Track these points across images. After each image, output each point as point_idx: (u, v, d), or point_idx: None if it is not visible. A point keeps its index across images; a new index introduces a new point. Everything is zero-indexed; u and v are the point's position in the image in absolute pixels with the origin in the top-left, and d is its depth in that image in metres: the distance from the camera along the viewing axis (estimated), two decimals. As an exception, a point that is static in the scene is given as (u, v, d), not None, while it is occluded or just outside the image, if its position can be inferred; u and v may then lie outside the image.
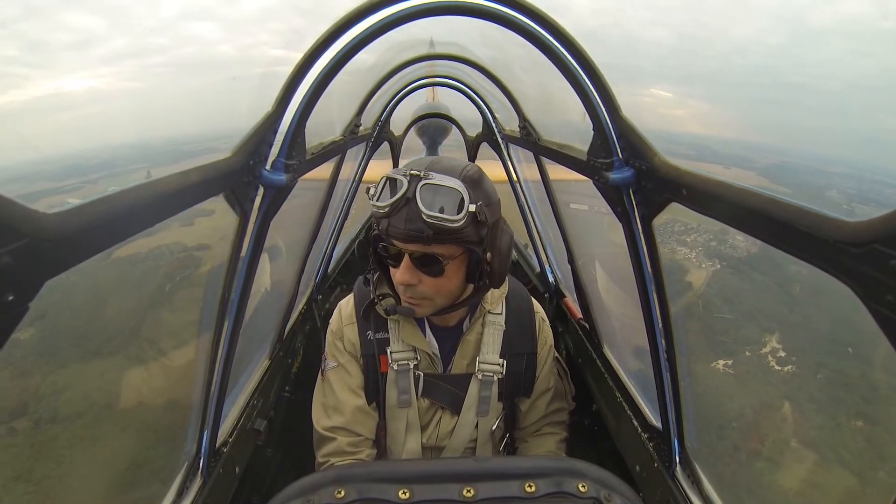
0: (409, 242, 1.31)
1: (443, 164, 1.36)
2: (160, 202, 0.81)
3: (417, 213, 1.25)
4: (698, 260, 1.64)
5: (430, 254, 1.33)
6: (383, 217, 1.30)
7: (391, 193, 1.29)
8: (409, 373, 1.61)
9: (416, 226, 1.26)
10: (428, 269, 1.37)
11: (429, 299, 1.44)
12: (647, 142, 1.14)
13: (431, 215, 1.25)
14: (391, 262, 1.43)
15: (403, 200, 1.27)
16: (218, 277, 1.26)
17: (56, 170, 1.14)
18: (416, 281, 1.37)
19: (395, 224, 1.28)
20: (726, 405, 1.99)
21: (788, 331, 1.89)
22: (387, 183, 1.32)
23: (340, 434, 1.62)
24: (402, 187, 1.27)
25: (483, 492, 1.02)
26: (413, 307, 1.47)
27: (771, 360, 1.80)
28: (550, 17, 1.10)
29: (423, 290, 1.40)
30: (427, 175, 1.28)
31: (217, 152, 1.05)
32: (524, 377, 1.71)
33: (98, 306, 1.48)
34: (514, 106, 2.28)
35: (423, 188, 1.27)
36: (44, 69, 1.05)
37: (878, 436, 1.72)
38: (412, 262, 1.36)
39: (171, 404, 1.59)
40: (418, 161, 1.38)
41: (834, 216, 0.65)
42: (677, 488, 1.38)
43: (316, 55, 1.15)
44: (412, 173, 1.28)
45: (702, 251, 1.70)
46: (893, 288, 0.56)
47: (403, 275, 1.36)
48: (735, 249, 1.88)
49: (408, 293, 1.42)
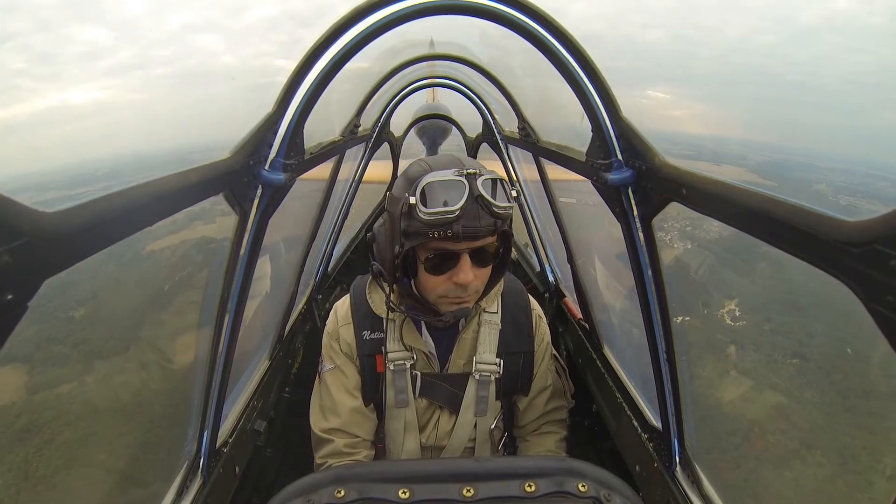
0: (480, 239, 1.32)
1: (467, 158, 1.38)
2: (160, 202, 0.81)
3: (488, 208, 1.27)
4: (672, 241, 1.71)
5: (491, 246, 1.37)
6: (453, 221, 1.25)
7: (456, 196, 1.26)
8: (405, 372, 1.61)
9: (488, 220, 1.28)
10: (484, 262, 1.40)
11: (476, 293, 1.46)
12: (648, 142, 1.14)
13: (500, 206, 1.28)
14: (437, 271, 1.38)
15: (472, 199, 1.26)
16: (217, 277, 1.26)
17: (64, 179, 1.14)
18: (474, 278, 1.39)
19: (468, 224, 1.26)
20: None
21: (747, 298, 1.98)
22: (438, 188, 1.27)
23: (337, 436, 1.62)
24: (465, 187, 1.26)
25: (483, 491, 1.02)
26: (467, 306, 1.47)
27: (726, 318, 1.89)
28: (550, 17, 1.10)
29: (476, 284, 1.41)
30: (481, 171, 1.30)
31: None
32: (521, 375, 1.71)
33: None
34: (514, 107, 2.29)
35: (485, 182, 1.28)
36: (52, 81, 1.06)
37: (808, 369, 1.93)
38: (470, 259, 1.36)
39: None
40: (439, 161, 1.37)
41: (834, 216, 0.65)
42: (677, 488, 1.38)
43: (316, 55, 1.15)
44: (468, 172, 1.28)
45: (676, 234, 1.76)
46: (893, 288, 0.56)
47: (468, 275, 1.36)
48: (707, 233, 1.95)
49: (461, 292, 1.41)
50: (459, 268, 1.36)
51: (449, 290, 1.40)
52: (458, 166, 1.31)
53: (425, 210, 1.26)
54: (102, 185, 1.19)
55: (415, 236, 1.31)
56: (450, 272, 1.37)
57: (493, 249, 1.40)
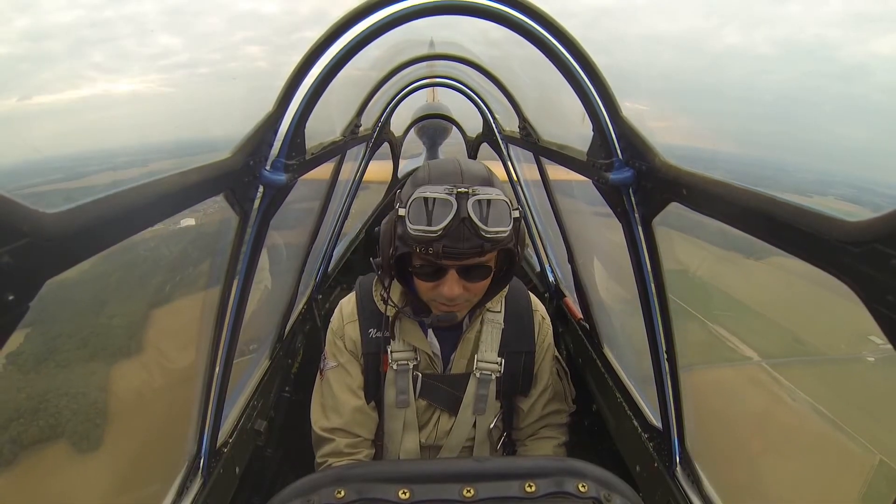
0: (465, 259, 1.30)
1: (472, 170, 1.34)
2: (160, 202, 0.81)
3: (475, 231, 1.24)
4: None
5: (480, 264, 1.35)
6: (434, 240, 1.24)
7: (440, 215, 1.24)
8: (408, 373, 1.61)
9: (475, 243, 1.25)
10: (474, 278, 1.38)
11: (468, 301, 1.46)
12: (648, 142, 1.14)
13: (490, 231, 1.24)
14: (426, 278, 1.39)
15: (458, 221, 1.23)
16: (218, 277, 1.26)
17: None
18: (463, 290, 1.38)
19: (451, 245, 1.24)
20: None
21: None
22: (426, 204, 1.26)
23: (339, 435, 1.62)
24: (452, 207, 1.24)
25: (483, 492, 1.02)
26: (455, 312, 1.47)
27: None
28: (551, 17, 1.10)
29: (466, 295, 1.41)
30: (474, 191, 1.26)
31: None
32: (522, 375, 1.71)
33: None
34: (514, 106, 2.29)
35: (475, 205, 1.24)
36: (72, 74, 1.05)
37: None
38: (458, 275, 1.35)
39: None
40: (441, 169, 1.35)
41: (834, 216, 0.65)
42: (677, 488, 1.38)
43: (316, 55, 1.16)
44: (459, 191, 1.25)
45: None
46: (893, 288, 0.56)
47: (453, 289, 1.35)
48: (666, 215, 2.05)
49: (450, 301, 1.41)
50: (444, 281, 1.36)
51: (437, 296, 1.41)
52: (455, 181, 1.28)
53: (410, 226, 1.26)
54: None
55: (405, 244, 1.32)
56: (437, 282, 1.38)
57: (488, 267, 1.38)
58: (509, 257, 1.45)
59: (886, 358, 1.85)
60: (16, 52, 1.01)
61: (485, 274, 1.40)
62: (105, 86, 1.18)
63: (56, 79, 1.10)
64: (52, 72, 1.09)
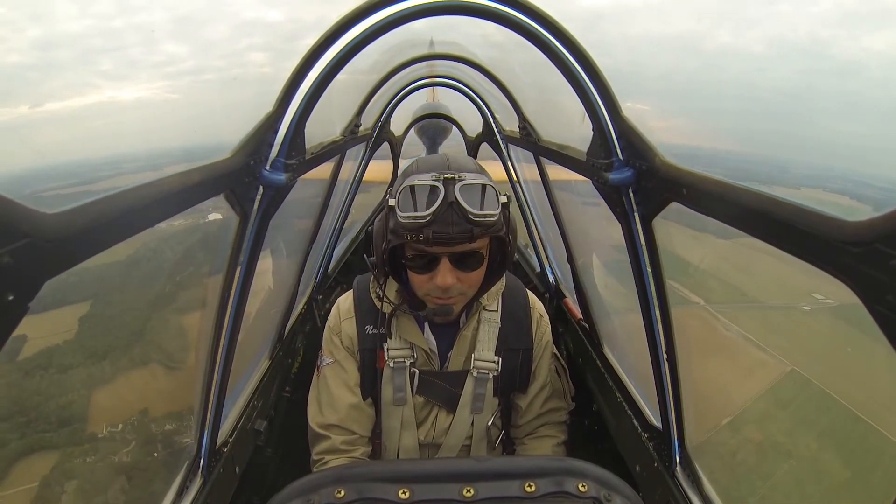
0: (454, 245, 1.31)
1: (459, 161, 1.37)
2: (160, 202, 0.81)
3: (463, 215, 1.26)
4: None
5: (472, 251, 1.35)
6: (424, 226, 1.26)
7: (428, 201, 1.26)
8: (405, 370, 1.61)
9: (463, 227, 1.26)
10: (467, 266, 1.38)
11: (463, 294, 1.46)
12: (648, 142, 1.14)
13: (478, 213, 1.26)
14: (419, 270, 1.40)
15: (446, 205, 1.25)
16: (218, 277, 1.26)
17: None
18: (456, 281, 1.38)
19: (439, 230, 1.26)
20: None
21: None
22: (414, 192, 1.28)
23: (334, 432, 1.62)
24: (440, 192, 1.26)
25: (483, 491, 1.02)
26: (450, 306, 1.47)
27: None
28: (551, 17, 1.10)
29: (460, 287, 1.41)
30: (461, 176, 1.28)
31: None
32: (520, 373, 1.71)
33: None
34: (514, 106, 2.29)
35: (462, 189, 1.27)
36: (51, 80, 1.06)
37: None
38: (451, 263, 1.36)
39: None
40: (428, 162, 1.37)
41: (834, 216, 0.65)
42: (677, 488, 1.38)
43: (316, 55, 1.16)
44: (446, 177, 1.27)
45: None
46: (893, 288, 0.56)
47: (446, 278, 1.36)
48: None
49: (441, 293, 1.41)
50: (437, 271, 1.36)
51: (432, 289, 1.41)
52: (442, 169, 1.30)
53: (400, 213, 1.28)
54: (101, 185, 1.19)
55: (396, 236, 1.33)
56: (431, 273, 1.38)
57: (480, 254, 1.39)
58: (501, 247, 1.46)
59: (821, 308, 2.20)
60: (26, 62, 1.01)
61: (477, 263, 1.40)
62: (112, 93, 1.19)
63: (65, 86, 1.11)
64: (61, 79, 1.10)
